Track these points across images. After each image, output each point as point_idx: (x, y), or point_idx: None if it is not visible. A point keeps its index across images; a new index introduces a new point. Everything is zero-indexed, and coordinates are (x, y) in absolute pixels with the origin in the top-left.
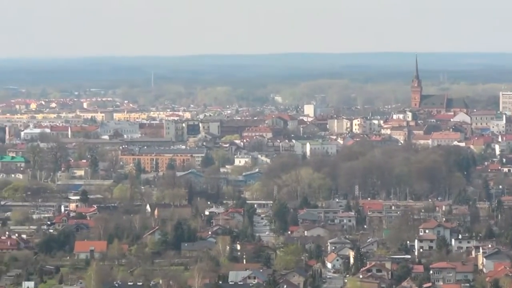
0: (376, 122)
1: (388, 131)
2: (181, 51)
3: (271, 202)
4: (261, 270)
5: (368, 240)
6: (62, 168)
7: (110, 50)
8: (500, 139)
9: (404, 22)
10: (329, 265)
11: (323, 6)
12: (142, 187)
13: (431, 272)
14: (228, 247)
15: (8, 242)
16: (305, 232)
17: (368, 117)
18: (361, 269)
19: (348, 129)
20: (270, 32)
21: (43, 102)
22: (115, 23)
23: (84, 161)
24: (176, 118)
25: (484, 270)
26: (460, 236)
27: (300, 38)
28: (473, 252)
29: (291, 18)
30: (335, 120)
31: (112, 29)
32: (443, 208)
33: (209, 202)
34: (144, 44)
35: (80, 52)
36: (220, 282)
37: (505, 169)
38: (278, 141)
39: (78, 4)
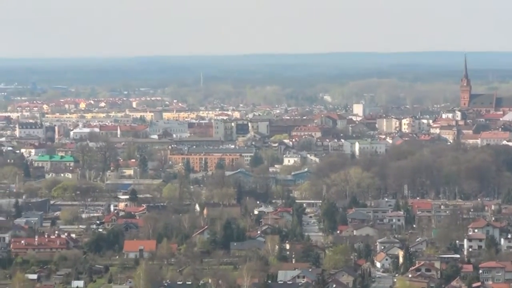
0: (425, 121)
1: (437, 131)
2: (231, 50)
3: (320, 201)
4: (310, 270)
5: (417, 240)
6: (111, 168)
7: (159, 50)
8: None
9: (453, 21)
10: (378, 265)
11: (373, 5)
12: (191, 187)
13: (480, 271)
14: (277, 247)
15: (58, 242)
16: (354, 231)
17: (417, 117)
18: (410, 269)
19: (397, 129)
20: (319, 32)
21: (92, 102)
22: (165, 23)
23: (133, 160)
24: (225, 118)
25: None
26: (509, 236)
27: (349, 38)
28: None
29: (341, 18)
30: (384, 120)
31: (161, 29)
32: (492, 207)
33: (258, 202)
34: (194, 43)
35: (129, 51)
36: (269, 282)
37: None
38: (327, 140)
39: (128, 4)
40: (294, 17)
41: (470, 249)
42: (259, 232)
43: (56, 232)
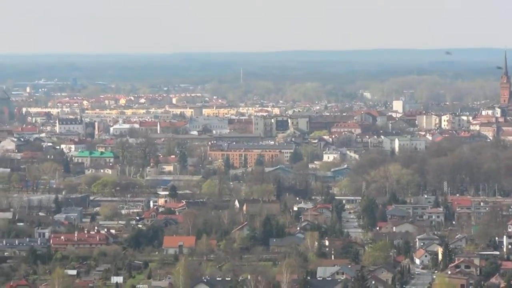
0: (465, 118)
1: (477, 127)
2: (270, 47)
3: (360, 198)
4: (349, 266)
5: (457, 236)
6: (151, 164)
7: (200, 46)
8: None
9: (494, 18)
10: (417, 261)
11: (412, 3)
12: (231, 183)
13: None
14: (316, 243)
15: (97, 237)
16: (394, 228)
17: (457, 113)
18: (450, 265)
19: (437, 125)
20: (360, 28)
21: (132, 98)
22: (206, 20)
23: (173, 156)
24: (265, 114)
25: None
26: None
27: (390, 34)
28: None
29: (380, 15)
30: (424, 116)
31: (202, 25)
32: None
33: (297, 198)
34: (234, 40)
35: (170, 48)
36: (308, 278)
37: None
38: (367, 137)
39: (169, 1)
40: (334, 14)
41: (510, 246)
42: (298, 228)
43: (96, 228)
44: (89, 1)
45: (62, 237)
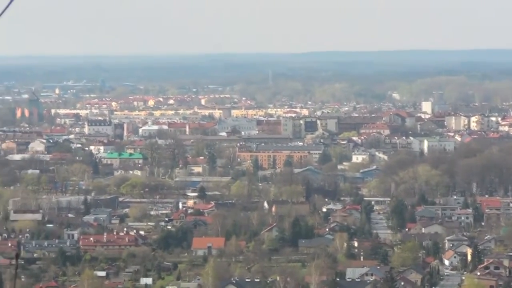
0: (494, 119)
1: (506, 128)
2: (299, 48)
3: (389, 199)
4: (378, 267)
5: (486, 237)
6: (180, 165)
7: (229, 47)
8: None
9: None
10: (446, 262)
11: (441, 4)
12: (260, 184)
13: None
14: (345, 244)
15: (127, 239)
16: (423, 229)
17: (486, 114)
18: (479, 267)
19: (466, 126)
20: (389, 29)
21: (161, 99)
22: (235, 21)
23: (202, 158)
24: (293, 115)
25: None
26: None
27: (418, 35)
28: None
29: (410, 16)
30: (453, 117)
31: (231, 27)
32: None
33: (326, 199)
34: (262, 41)
35: (199, 49)
36: (337, 279)
37: None
38: (396, 138)
39: (197, 2)
40: (363, 15)
41: None
42: (327, 229)
43: (125, 229)
44: (118, 3)
45: (91, 239)
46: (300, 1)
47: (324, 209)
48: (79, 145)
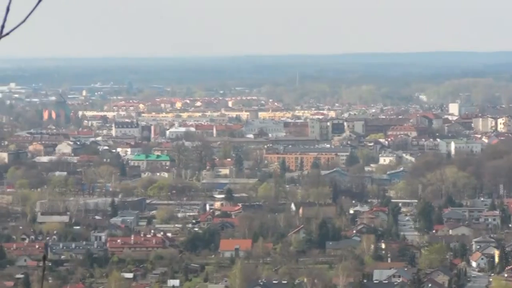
0: None
1: None
2: (326, 50)
3: (416, 200)
4: (405, 269)
5: None
6: (207, 167)
7: (256, 49)
8: None
9: None
10: (473, 264)
11: (468, 5)
12: (287, 186)
13: None
14: (372, 246)
15: (154, 241)
16: (450, 231)
17: None
18: (506, 268)
19: (493, 128)
20: (415, 31)
21: (188, 101)
22: (261, 23)
23: (229, 159)
24: (320, 117)
25: None
26: None
27: (445, 37)
28: None
29: (438, 17)
30: (480, 119)
31: (258, 29)
32: None
33: (353, 201)
34: (290, 43)
35: (225, 51)
36: (365, 281)
37: None
38: (423, 139)
39: (226, 5)
40: (390, 17)
41: None
42: (354, 231)
43: (152, 231)
44: (145, 5)
45: (118, 241)
46: (328, 2)
47: (351, 211)
48: (106, 147)
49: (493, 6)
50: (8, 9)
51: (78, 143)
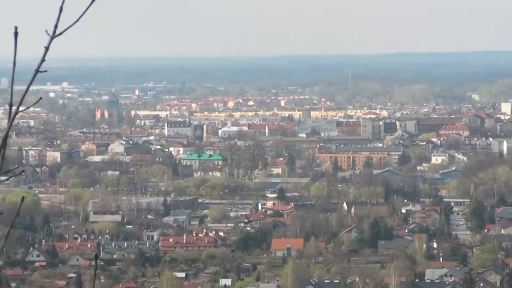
0: None
1: None
2: (378, 49)
3: (468, 200)
4: (457, 268)
5: None
6: (259, 166)
7: (308, 49)
8: None
9: None
10: None
11: None
12: (339, 185)
13: None
14: (424, 245)
15: (206, 240)
16: (502, 230)
17: None
18: None
19: None
20: (469, 30)
21: (240, 100)
22: (314, 23)
23: (281, 159)
24: (373, 116)
25: None
26: None
27: (498, 36)
28: None
29: (491, 16)
30: None
31: (310, 28)
32: None
33: (405, 200)
34: (342, 42)
35: (278, 50)
36: (417, 280)
37: None
38: (475, 139)
39: (278, 5)
40: (442, 16)
41: None
42: (406, 230)
43: (204, 230)
44: (199, 4)
45: (170, 240)
46: (381, 2)
47: (403, 210)
48: (159, 147)
49: None
50: (61, 9)
51: (131, 142)
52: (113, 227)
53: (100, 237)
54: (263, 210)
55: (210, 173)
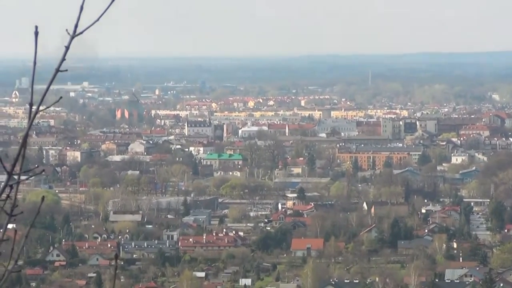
0: None
1: None
2: (398, 49)
3: (488, 200)
4: (477, 268)
5: None
6: (279, 166)
7: (328, 49)
8: None
9: None
10: None
11: None
12: (359, 185)
13: None
14: (444, 245)
15: (226, 240)
16: None
17: None
18: None
19: None
20: (490, 30)
21: (260, 100)
22: (334, 23)
23: (301, 158)
24: (393, 116)
25: None
26: None
27: None
28: None
29: (508, 16)
30: None
31: (329, 28)
32: None
33: (425, 200)
34: (363, 42)
35: (298, 50)
36: (436, 280)
37: None
38: (495, 139)
39: (299, 5)
40: (463, 16)
41: None
42: (426, 230)
43: (224, 230)
44: (218, 5)
45: (190, 240)
46: (400, 2)
47: (423, 210)
48: (179, 146)
49: None
50: (82, 8)
51: (151, 142)
52: (133, 227)
53: (120, 237)
54: (283, 210)
55: (230, 173)
